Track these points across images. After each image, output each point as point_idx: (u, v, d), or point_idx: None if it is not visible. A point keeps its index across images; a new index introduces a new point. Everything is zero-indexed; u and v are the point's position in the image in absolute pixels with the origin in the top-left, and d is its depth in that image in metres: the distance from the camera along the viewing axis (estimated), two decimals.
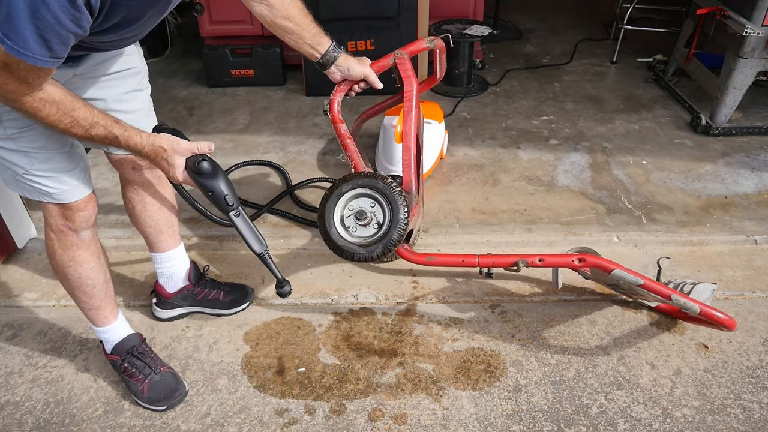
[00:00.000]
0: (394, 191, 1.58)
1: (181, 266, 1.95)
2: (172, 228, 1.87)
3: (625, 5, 3.86)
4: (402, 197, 1.59)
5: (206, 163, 1.35)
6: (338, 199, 1.62)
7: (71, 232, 1.52)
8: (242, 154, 2.96)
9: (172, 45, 4.30)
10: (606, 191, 2.64)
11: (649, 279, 1.64)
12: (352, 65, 1.71)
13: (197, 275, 2.00)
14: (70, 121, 1.21)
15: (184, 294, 1.98)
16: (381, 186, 1.58)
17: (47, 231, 1.54)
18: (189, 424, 1.68)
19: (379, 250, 1.59)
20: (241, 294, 2.06)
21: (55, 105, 1.17)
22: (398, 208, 1.58)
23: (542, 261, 1.67)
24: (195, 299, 2.00)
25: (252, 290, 2.10)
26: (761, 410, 1.68)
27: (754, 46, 2.77)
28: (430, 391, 1.76)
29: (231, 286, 2.06)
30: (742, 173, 2.76)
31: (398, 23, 3.34)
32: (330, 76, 1.73)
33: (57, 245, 1.54)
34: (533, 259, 1.67)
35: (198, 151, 1.38)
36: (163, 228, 1.84)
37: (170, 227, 1.86)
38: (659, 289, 1.62)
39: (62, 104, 1.18)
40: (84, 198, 1.49)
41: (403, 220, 1.57)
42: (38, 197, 1.45)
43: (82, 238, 1.55)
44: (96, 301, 1.66)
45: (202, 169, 1.35)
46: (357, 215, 1.60)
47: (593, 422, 1.66)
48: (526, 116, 3.30)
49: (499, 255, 1.71)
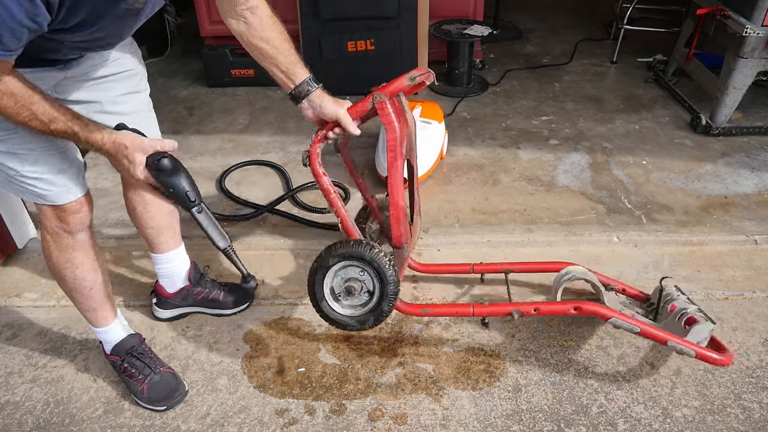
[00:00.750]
0: (382, 263, 1.53)
1: (181, 267, 1.95)
2: (173, 229, 1.87)
3: (625, 5, 3.86)
4: (390, 268, 1.55)
5: (167, 160, 1.34)
6: (326, 271, 1.59)
7: (66, 234, 1.51)
8: (242, 154, 2.96)
9: (172, 45, 4.30)
10: (606, 191, 2.64)
11: (645, 325, 1.64)
12: (326, 103, 1.53)
13: (197, 275, 1.99)
14: (28, 114, 1.20)
15: (184, 294, 1.98)
16: (369, 258, 1.53)
17: (43, 232, 1.54)
18: (189, 424, 1.68)
19: (371, 321, 1.62)
20: (242, 294, 2.05)
21: (13, 97, 1.16)
22: (387, 281, 1.55)
23: (537, 311, 1.69)
24: (195, 299, 2.00)
25: (253, 290, 2.10)
26: (761, 410, 1.68)
27: (754, 46, 2.77)
28: (430, 391, 1.76)
29: (231, 286, 2.06)
30: (742, 173, 2.76)
31: (398, 23, 3.34)
32: (302, 112, 1.59)
33: (53, 247, 1.53)
34: (528, 309, 1.68)
35: (161, 149, 1.36)
36: (164, 229, 1.83)
37: (171, 228, 1.85)
38: (656, 334, 1.64)
39: (20, 97, 1.17)
40: (77, 200, 1.48)
41: (392, 294, 1.57)
42: (32, 199, 1.45)
43: (78, 240, 1.54)
44: (93, 303, 1.66)
45: (163, 166, 1.33)
46: (346, 290, 1.60)
47: (593, 422, 1.66)
48: (526, 116, 3.30)
49: (493, 304, 1.73)
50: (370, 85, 1.68)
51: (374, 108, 1.52)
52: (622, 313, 1.64)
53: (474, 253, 2.29)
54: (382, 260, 1.53)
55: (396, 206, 1.62)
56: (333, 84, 1.77)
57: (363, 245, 1.54)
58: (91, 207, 1.54)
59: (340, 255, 1.55)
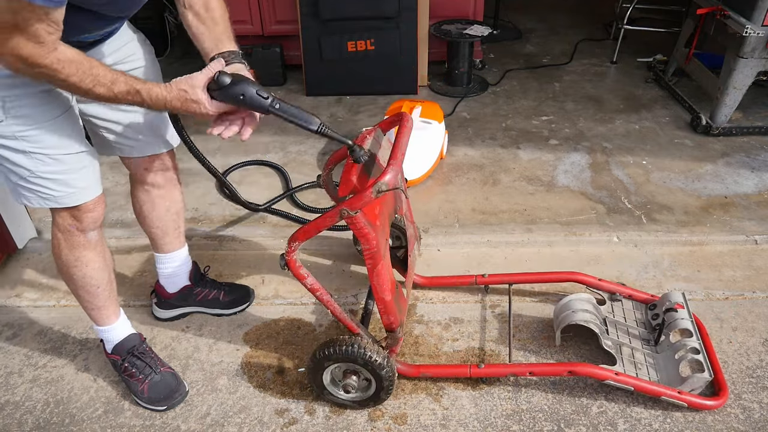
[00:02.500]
0: (375, 363, 1.56)
1: (183, 267, 1.95)
2: (179, 230, 1.87)
3: (625, 5, 3.86)
4: (385, 364, 1.57)
5: (222, 75, 1.29)
6: (323, 371, 1.63)
7: (78, 232, 1.51)
8: (242, 154, 2.96)
9: (173, 45, 4.29)
10: (606, 191, 2.64)
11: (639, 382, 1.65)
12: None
13: (198, 275, 1.99)
14: (92, 79, 1.19)
15: (184, 294, 1.98)
16: (362, 361, 1.55)
17: (54, 230, 1.53)
18: (189, 424, 1.68)
19: (372, 405, 1.70)
20: (242, 294, 2.05)
21: (74, 64, 1.15)
22: (382, 378, 1.59)
23: (532, 374, 1.72)
24: (195, 299, 2.00)
25: (252, 291, 2.10)
26: (761, 410, 1.68)
27: (754, 46, 2.77)
28: (430, 391, 1.76)
29: (231, 287, 2.06)
30: (742, 173, 2.76)
31: (398, 23, 3.34)
32: None
33: (63, 245, 1.53)
34: (524, 373, 1.72)
35: (212, 74, 1.31)
36: (170, 230, 1.83)
37: (176, 229, 1.85)
38: (650, 390, 1.65)
39: (80, 63, 1.16)
40: (94, 199, 1.48)
41: (388, 388, 1.62)
42: (42, 204, 1.43)
43: (89, 238, 1.54)
44: (99, 301, 1.66)
45: (223, 83, 1.29)
46: (344, 388, 1.65)
47: (593, 422, 1.66)
48: (526, 116, 3.30)
49: (491, 365, 1.75)
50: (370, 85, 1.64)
51: (347, 223, 1.42)
52: (617, 374, 1.65)
53: (474, 253, 2.29)
54: (376, 360, 1.55)
55: (383, 301, 1.60)
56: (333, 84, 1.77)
57: (356, 345, 1.55)
58: (104, 205, 1.53)
59: (335, 358, 1.58)
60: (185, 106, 1.31)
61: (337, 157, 1.71)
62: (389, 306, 1.60)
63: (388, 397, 1.67)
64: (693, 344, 1.71)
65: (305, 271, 1.55)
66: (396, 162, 1.39)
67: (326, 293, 1.60)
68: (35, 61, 1.11)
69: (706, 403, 1.66)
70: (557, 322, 1.84)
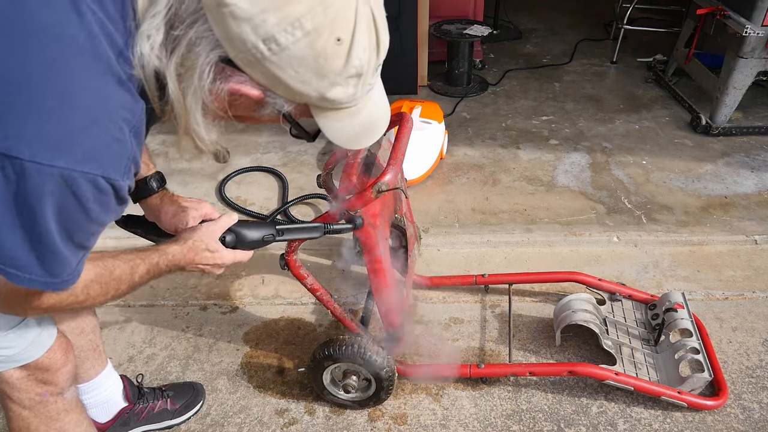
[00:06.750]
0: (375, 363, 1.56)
1: (113, 389, 1.59)
2: (97, 349, 1.50)
3: (625, 5, 3.86)
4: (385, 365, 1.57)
5: (230, 236, 1.20)
6: (323, 371, 1.63)
7: (54, 397, 1.17)
8: (242, 154, 2.96)
9: None
10: (606, 191, 2.64)
11: (639, 382, 1.66)
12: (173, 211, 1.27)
13: (135, 391, 1.64)
14: (115, 285, 1.00)
15: (125, 419, 1.62)
16: (362, 361, 1.56)
17: (13, 411, 1.15)
18: (189, 424, 1.69)
19: (372, 405, 1.70)
20: (191, 395, 1.75)
21: (95, 284, 0.96)
22: (382, 378, 1.59)
23: (532, 374, 1.72)
24: (138, 419, 1.64)
25: (202, 386, 1.79)
26: (761, 410, 1.68)
27: (754, 46, 2.77)
28: (430, 391, 1.76)
29: (175, 389, 1.74)
30: (742, 173, 2.76)
31: (398, 23, 3.33)
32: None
33: (34, 423, 1.16)
34: (524, 373, 1.72)
35: (223, 226, 1.18)
36: (88, 351, 1.46)
37: (95, 349, 1.49)
38: (649, 390, 1.66)
39: (100, 277, 0.97)
40: (55, 343, 1.15)
41: (388, 388, 1.63)
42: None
43: (68, 398, 1.21)
44: None
45: (232, 242, 1.19)
46: (344, 388, 1.65)
47: (593, 422, 1.66)
48: (526, 116, 3.30)
49: (491, 365, 1.75)
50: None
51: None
52: (617, 374, 1.65)
53: (474, 253, 2.29)
54: (376, 360, 1.56)
55: (383, 301, 1.59)
56: None
57: (355, 345, 1.55)
58: (71, 344, 1.22)
59: (335, 358, 1.57)
60: (199, 257, 1.13)
61: (337, 157, 1.71)
62: (389, 306, 1.60)
63: (388, 397, 1.67)
64: (693, 344, 1.71)
65: (305, 271, 1.55)
66: (396, 162, 1.39)
67: (326, 293, 1.60)
68: (60, 306, 0.94)
69: (705, 403, 1.66)
70: (557, 322, 1.84)
